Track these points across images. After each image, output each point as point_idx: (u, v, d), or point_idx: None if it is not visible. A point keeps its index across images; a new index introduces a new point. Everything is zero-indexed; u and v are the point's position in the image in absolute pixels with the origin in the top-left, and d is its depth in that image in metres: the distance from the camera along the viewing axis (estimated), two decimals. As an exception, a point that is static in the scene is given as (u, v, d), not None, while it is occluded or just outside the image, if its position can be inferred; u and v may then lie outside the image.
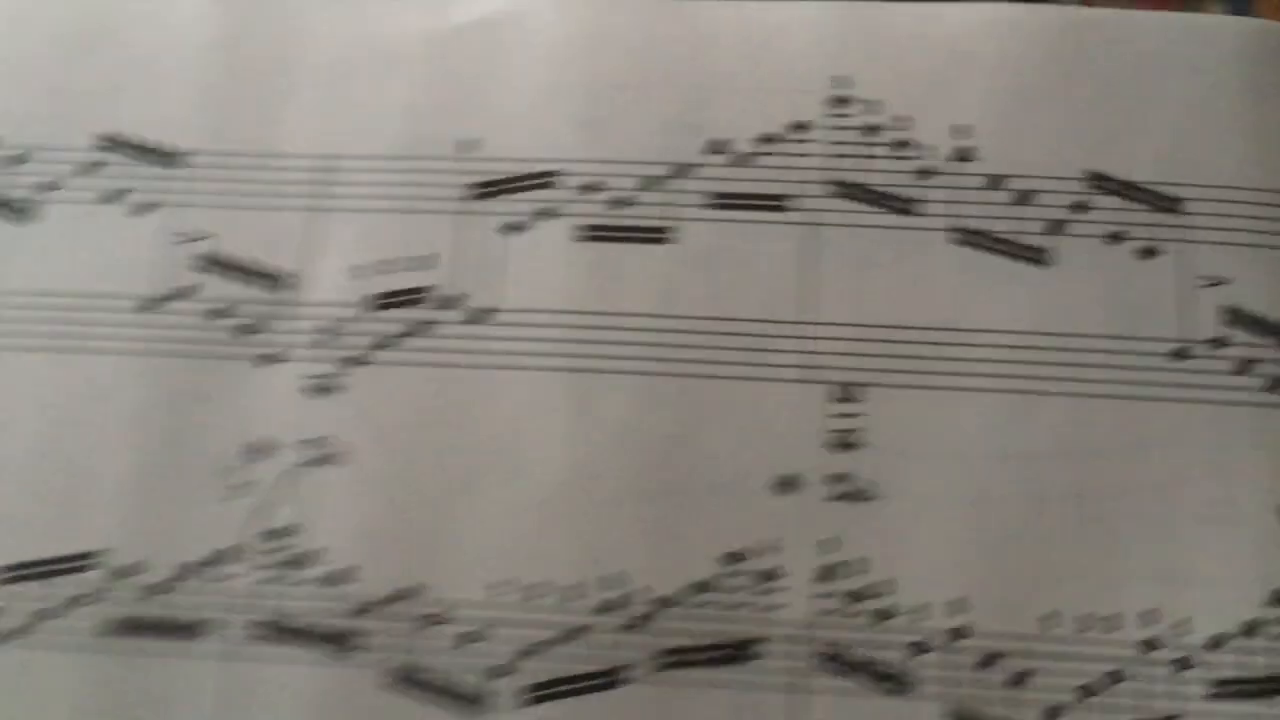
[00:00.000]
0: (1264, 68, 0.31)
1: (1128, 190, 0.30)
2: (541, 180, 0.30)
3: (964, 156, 0.30)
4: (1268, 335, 0.29)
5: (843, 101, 0.31)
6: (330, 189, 0.30)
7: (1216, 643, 0.27)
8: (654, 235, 0.30)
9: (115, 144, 0.31)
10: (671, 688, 0.27)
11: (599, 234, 0.30)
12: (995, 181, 0.30)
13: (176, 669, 0.27)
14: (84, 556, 0.28)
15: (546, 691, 0.27)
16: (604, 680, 0.27)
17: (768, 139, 0.30)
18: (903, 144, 0.30)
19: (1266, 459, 0.28)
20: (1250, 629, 0.27)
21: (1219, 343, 0.29)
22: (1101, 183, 0.30)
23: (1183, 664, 0.27)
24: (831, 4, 0.32)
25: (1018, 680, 0.27)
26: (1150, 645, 0.27)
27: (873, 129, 0.30)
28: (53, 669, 0.27)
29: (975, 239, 0.30)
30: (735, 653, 0.27)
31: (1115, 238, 0.29)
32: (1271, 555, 0.27)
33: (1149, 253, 0.29)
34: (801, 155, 0.30)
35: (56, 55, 0.32)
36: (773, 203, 0.30)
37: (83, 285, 0.30)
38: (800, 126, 0.31)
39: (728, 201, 0.30)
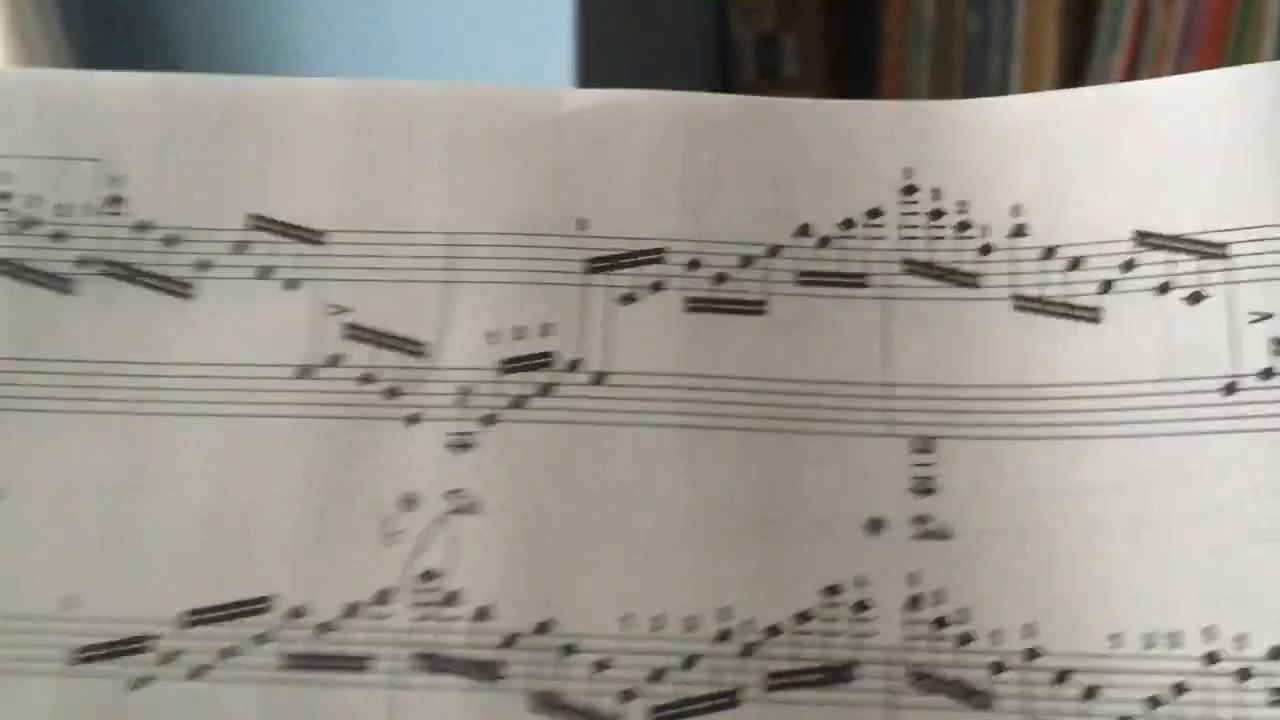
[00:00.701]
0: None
1: (1174, 243, 0.34)
2: (651, 257, 0.35)
3: (1019, 232, 0.34)
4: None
5: (911, 190, 0.35)
6: (458, 262, 0.35)
7: (1276, 653, 0.30)
8: (751, 308, 0.34)
9: (263, 224, 0.35)
10: (782, 707, 0.31)
11: (702, 305, 0.34)
12: (1048, 252, 0.34)
13: (347, 698, 0.31)
14: (260, 600, 0.32)
15: (672, 713, 0.31)
16: (722, 702, 0.31)
17: (847, 223, 0.35)
18: (964, 225, 0.35)
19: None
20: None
21: (1268, 373, 0.32)
22: (1148, 239, 0.34)
23: (1244, 674, 0.30)
24: (899, 103, 0.36)
25: (1089, 694, 0.31)
26: (1212, 658, 0.31)
27: (937, 213, 0.35)
28: (238, 700, 0.31)
29: (1033, 304, 0.34)
30: (835, 675, 0.31)
31: (1164, 288, 0.33)
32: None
33: (1197, 297, 0.33)
34: (876, 238, 0.35)
35: (201, 138, 0.36)
36: (852, 280, 0.34)
37: (244, 356, 0.34)
38: (875, 212, 0.35)
39: (813, 279, 0.34)
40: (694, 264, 0.35)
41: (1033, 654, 0.31)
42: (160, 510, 0.33)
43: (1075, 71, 1.39)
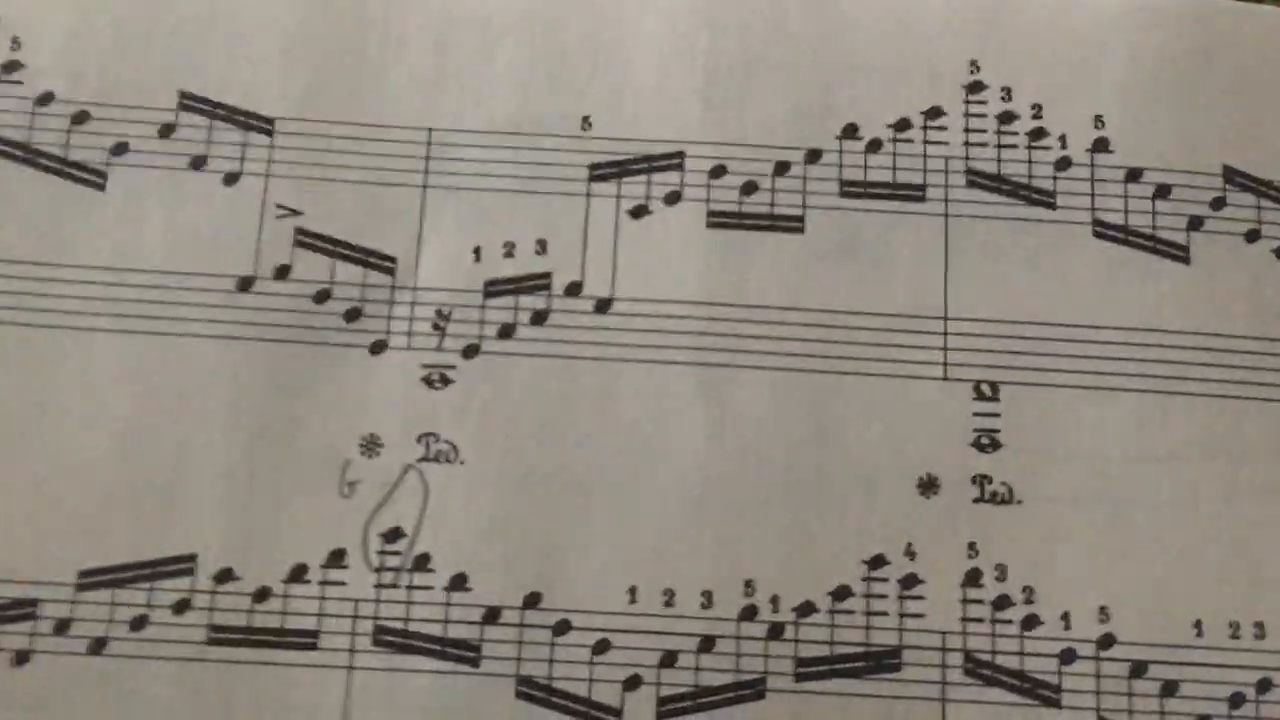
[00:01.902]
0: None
1: (1264, 188, 0.29)
2: (667, 162, 0.29)
3: (1102, 147, 0.29)
4: None
5: (978, 87, 0.30)
6: (438, 164, 0.29)
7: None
8: (786, 223, 0.29)
9: (196, 104, 0.29)
10: (816, 698, 0.26)
11: (727, 220, 0.29)
12: (1133, 174, 0.29)
13: (291, 679, 0.26)
14: (180, 560, 0.26)
15: (684, 705, 0.26)
16: (744, 693, 0.26)
17: (902, 124, 0.29)
18: (1039, 133, 0.29)
19: None
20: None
21: (1359, 343, 0.28)
22: (1238, 179, 0.29)
23: (1338, 674, 0.26)
24: None
25: (1167, 689, 0.26)
26: (1304, 653, 0.26)
27: (1009, 116, 0.29)
28: (150, 680, 0.25)
29: (1115, 233, 0.29)
30: (878, 662, 0.26)
31: (1253, 236, 0.29)
32: None
33: None
34: (937, 143, 0.29)
35: (134, 6, 0.29)
36: (908, 192, 0.29)
37: (170, 261, 0.28)
38: (935, 112, 0.29)
39: (861, 189, 0.29)
40: (718, 170, 0.29)
41: (1108, 641, 0.26)
42: (59, 443, 0.27)
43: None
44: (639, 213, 0.29)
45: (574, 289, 0.28)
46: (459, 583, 0.26)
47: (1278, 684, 0.26)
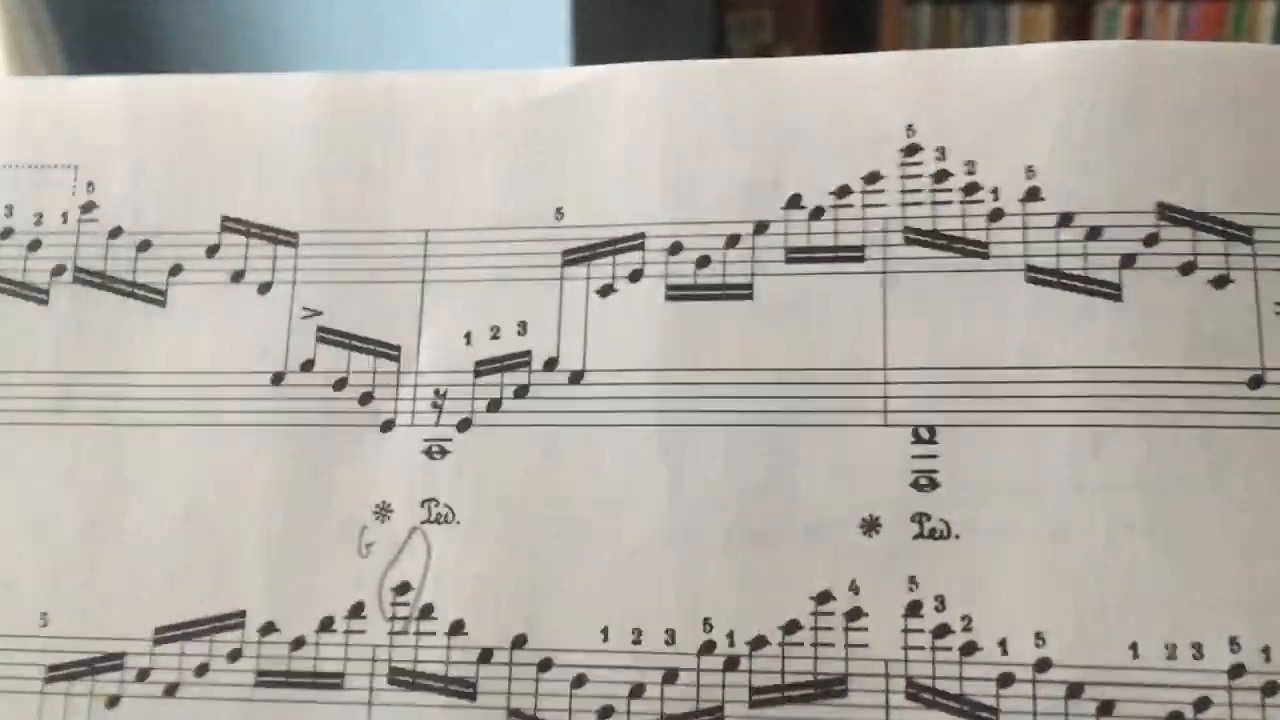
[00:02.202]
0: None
1: (1199, 221, 0.30)
2: (630, 244, 0.32)
3: (1033, 196, 0.31)
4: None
5: (914, 149, 0.32)
6: (434, 261, 0.33)
7: (1303, 668, 0.27)
8: (736, 292, 0.32)
9: (236, 226, 0.34)
10: (769, 723, 0.29)
11: (684, 293, 0.32)
12: (1065, 219, 0.31)
13: (323, 715, 0.30)
14: (232, 616, 0.31)
15: (653, 728, 0.29)
16: (704, 719, 0.29)
17: (843, 191, 0.32)
18: (972, 187, 0.31)
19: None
20: (1337, 654, 0.27)
21: (1296, 369, 0.29)
22: (1172, 214, 0.30)
23: (1270, 689, 0.27)
24: (902, 53, 0.33)
25: (1104, 709, 0.28)
26: (1237, 671, 0.28)
27: (943, 175, 0.31)
28: (213, 718, 0.31)
29: (1047, 277, 0.30)
30: (826, 689, 0.29)
31: (1188, 269, 0.30)
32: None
33: (1223, 281, 0.30)
34: (875, 205, 0.32)
35: (173, 138, 0.35)
36: (848, 254, 0.31)
37: (217, 362, 0.33)
38: (873, 176, 0.32)
39: (805, 255, 0.32)
40: (675, 248, 0.32)
41: (1044, 665, 0.28)
42: (135, 523, 0.32)
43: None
44: (605, 291, 0.32)
45: (551, 364, 0.32)
46: (458, 628, 0.30)
47: (1216, 703, 0.28)
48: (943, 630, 0.29)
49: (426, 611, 0.31)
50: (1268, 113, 0.31)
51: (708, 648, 0.30)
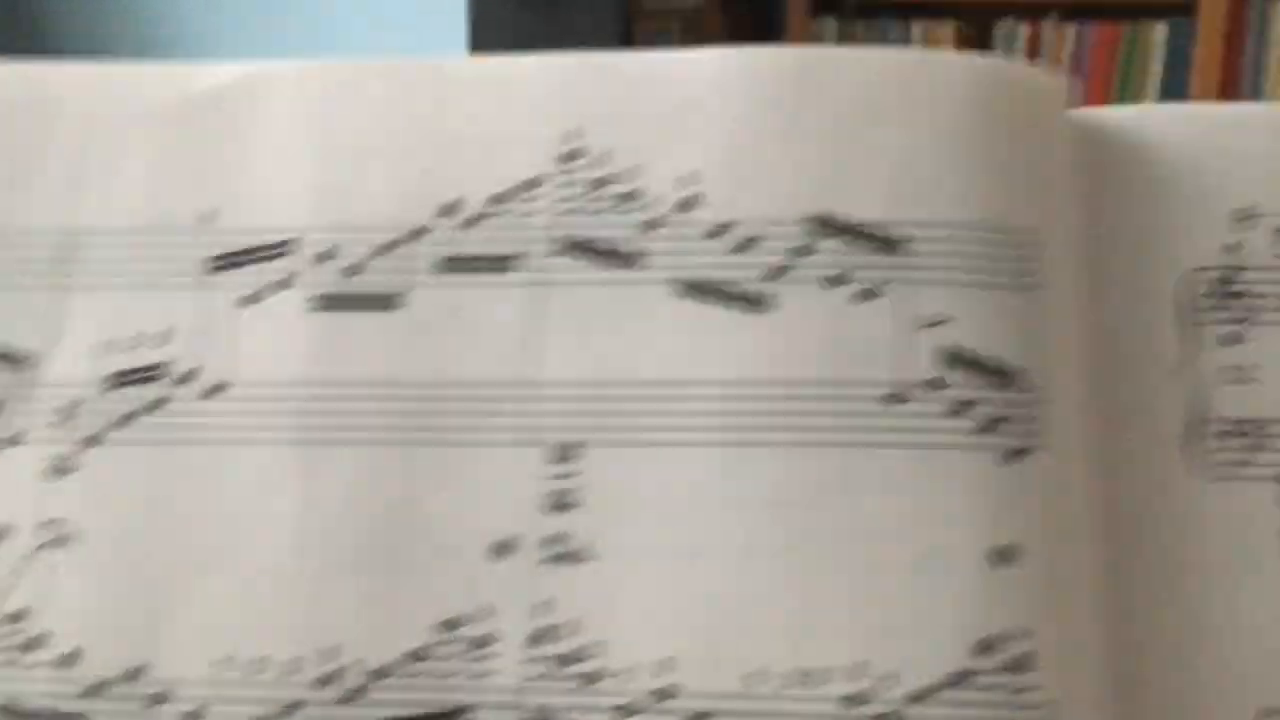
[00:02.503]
0: (984, 105, 0.30)
1: (851, 232, 0.29)
2: (278, 250, 0.31)
3: (690, 205, 0.30)
4: (984, 375, 0.28)
5: (575, 155, 0.31)
6: (72, 265, 0.31)
7: (922, 696, 0.26)
8: (384, 302, 0.30)
9: None
10: (387, 758, 0.27)
11: (333, 303, 0.30)
12: (719, 230, 0.30)
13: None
14: None
15: (268, 765, 0.27)
16: (323, 752, 0.27)
17: (498, 199, 0.30)
18: (630, 195, 0.30)
19: (976, 504, 0.27)
20: (958, 680, 0.26)
21: (936, 384, 0.28)
22: (824, 226, 0.29)
23: (886, 719, 0.26)
24: (568, 55, 0.31)
25: (727, 740, 0.27)
26: (856, 700, 0.26)
27: (601, 182, 0.30)
28: None
29: (696, 290, 0.29)
30: (450, 719, 0.27)
31: (836, 281, 0.29)
32: (979, 603, 0.27)
33: (869, 294, 0.29)
34: (530, 214, 0.30)
35: None
36: (499, 264, 0.30)
37: None
38: (530, 184, 0.30)
39: (459, 264, 0.30)
40: (327, 255, 0.31)
41: (668, 693, 0.27)
42: None
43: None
44: (251, 300, 0.30)
45: (188, 377, 0.30)
46: (72, 659, 0.28)
47: (831, 732, 0.26)
48: (568, 659, 0.27)
49: (35, 643, 0.29)
50: (926, 124, 0.30)
51: (331, 678, 0.28)
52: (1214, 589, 0.28)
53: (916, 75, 0.30)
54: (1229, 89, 1.44)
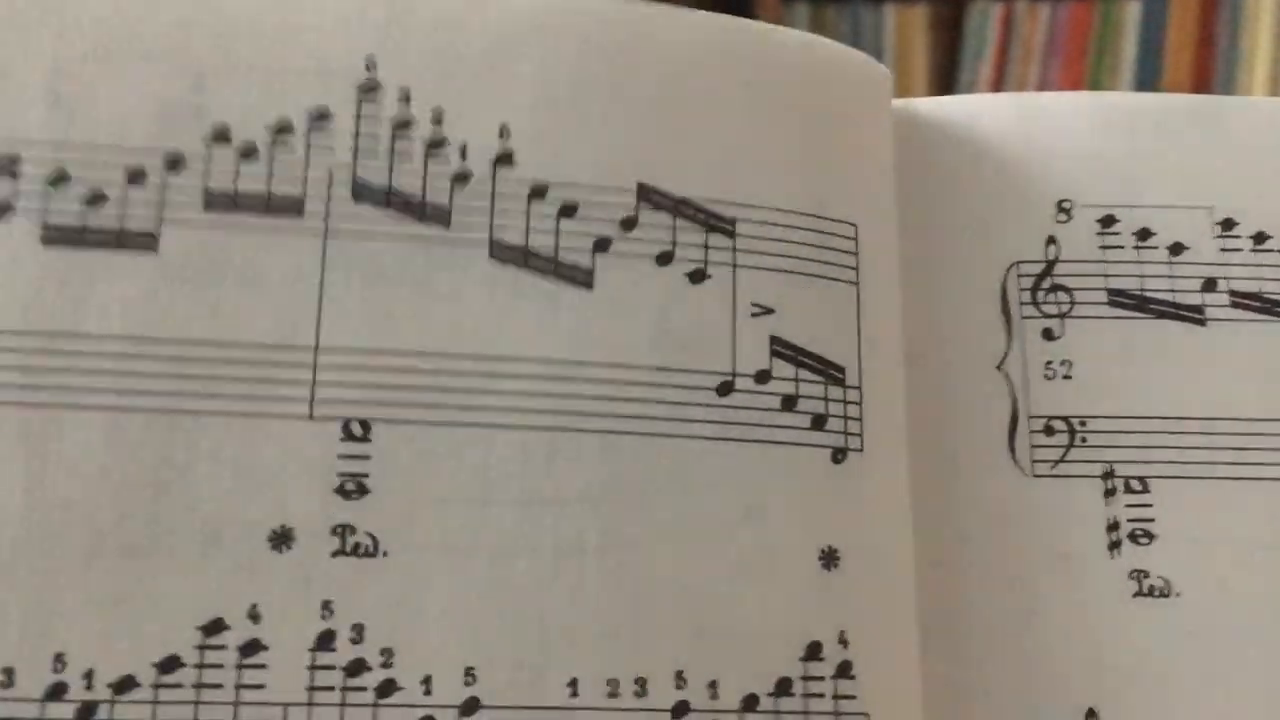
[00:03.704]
0: (814, 90, 0.29)
1: (680, 207, 0.27)
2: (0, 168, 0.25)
3: (505, 160, 0.27)
4: (809, 370, 0.27)
5: (372, 87, 0.27)
6: None
7: (749, 704, 0.25)
8: (136, 240, 0.25)
9: None
10: (130, 787, 0.23)
11: (68, 237, 0.25)
12: (538, 191, 0.27)
13: None
14: None
15: (-25, 798, 0.23)
16: (47, 781, 0.23)
17: (284, 127, 0.26)
18: (439, 142, 0.27)
19: (807, 502, 0.26)
20: (784, 687, 0.25)
21: (765, 376, 0.27)
22: (653, 197, 0.27)
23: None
24: None
25: (533, 757, 0.24)
26: (680, 710, 0.25)
27: (405, 123, 0.27)
28: None
29: (512, 255, 0.26)
30: (209, 743, 0.23)
31: (665, 258, 0.27)
32: (807, 606, 0.26)
33: (698, 276, 0.27)
34: (321, 149, 0.26)
35: None
36: (283, 205, 0.26)
37: None
38: (322, 115, 0.26)
39: (229, 202, 0.26)
40: (60, 178, 0.25)
41: (471, 707, 0.24)
42: None
43: (946, 79, 1.46)
44: (-39, 227, 0.25)
45: (-125, 320, 0.24)
46: None
47: (649, 745, 0.25)
48: (358, 667, 0.24)
49: None
50: (755, 101, 0.28)
51: (57, 691, 0.23)
52: (1040, 587, 0.28)
53: (749, 47, 0.29)
54: (1203, 70, 1.42)
